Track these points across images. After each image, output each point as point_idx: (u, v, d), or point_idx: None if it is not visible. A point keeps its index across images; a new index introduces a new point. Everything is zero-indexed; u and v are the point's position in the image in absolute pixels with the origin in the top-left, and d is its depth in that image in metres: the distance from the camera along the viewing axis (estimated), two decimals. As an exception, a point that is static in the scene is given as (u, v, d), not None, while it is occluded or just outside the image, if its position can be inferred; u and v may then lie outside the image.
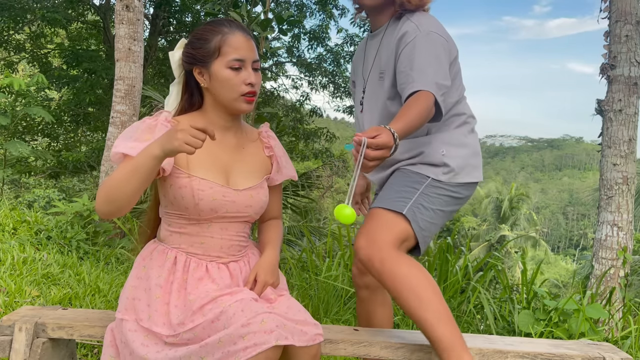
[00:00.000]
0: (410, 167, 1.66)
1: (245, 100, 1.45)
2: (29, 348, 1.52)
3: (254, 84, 1.44)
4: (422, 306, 1.43)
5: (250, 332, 1.21)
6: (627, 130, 3.77)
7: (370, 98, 1.74)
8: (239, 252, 1.52)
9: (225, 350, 1.21)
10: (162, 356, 1.28)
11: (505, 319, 3.08)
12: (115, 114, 5.31)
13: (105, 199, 1.30)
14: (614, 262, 3.66)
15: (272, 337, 1.22)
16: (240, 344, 1.20)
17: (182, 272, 1.42)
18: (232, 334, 1.22)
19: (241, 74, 1.43)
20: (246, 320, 1.24)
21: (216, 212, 1.44)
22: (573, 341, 1.71)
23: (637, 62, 3.79)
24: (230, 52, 1.42)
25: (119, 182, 1.28)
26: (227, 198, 1.44)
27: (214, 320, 1.28)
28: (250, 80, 1.43)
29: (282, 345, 1.24)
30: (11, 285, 2.62)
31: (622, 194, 3.74)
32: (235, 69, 1.42)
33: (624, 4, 3.85)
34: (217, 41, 1.43)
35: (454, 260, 3.52)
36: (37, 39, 12.44)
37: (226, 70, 1.42)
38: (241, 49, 1.43)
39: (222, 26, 1.45)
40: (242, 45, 1.43)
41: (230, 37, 1.43)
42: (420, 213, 1.55)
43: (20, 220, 4.08)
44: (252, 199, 1.48)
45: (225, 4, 4.80)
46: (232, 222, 1.48)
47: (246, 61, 1.44)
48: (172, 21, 13.08)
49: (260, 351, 1.19)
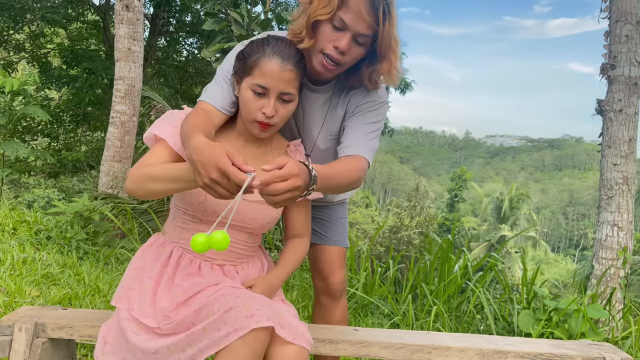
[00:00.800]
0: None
1: (259, 126, 1.41)
2: (28, 348, 1.52)
3: (269, 116, 1.39)
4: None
5: (231, 317, 1.21)
6: (627, 130, 3.77)
7: (320, 159, 1.69)
8: (239, 259, 1.52)
9: (211, 336, 1.21)
10: (152, 344, 1.30)
11: (505, 319, 3.08)
12: (115, 113, 5.32)
13: (139, 183, 1.32)
14: (614, 263, 3.66)
15: (253, 320, 1.20)
16: (223, 330, 1.20)
17: (175, 266, 1.45)
18: (216, 320, 1.22)
19: (261, 101, 1.39)
20: (228, 306, 1.24)
21: (218, 216, 1.43)
22: (573, 341, 1.71)
23: (637, 62, 3.78)
24: (258, 76, 1.38)
25: (157, 178, 1.30)
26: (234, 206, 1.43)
27: (198, 310, 1.29)
28: (266, 111, 1.38)
29: (267, 331, 1.21)
30: (11, 285, 2.62)
31: (623, 194, 3.73)
32: (257, 94, 1.38)
33: (624, 4, 3.84)
34: (253, 60, 1.39)
35: (454, 260, 3.52)
36: (37, 38, 12.44)
37: (249, 91, 1.39)
38: (269, 77, 1.37)
39: (266, 47, 1.40)
40: (272, 74, 1.37)
41: (265, 61, 1.38)
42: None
43: (20, 220, 4.08)
44: (258, 212, 1.47)
45: (225, 3, 4.80)
46: (235, 230, 1.48)
47: (270, 90, 1.37)
48: (171, 21, 13.08)
49: (240, 335, 1.18)
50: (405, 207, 10.77)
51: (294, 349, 1.25)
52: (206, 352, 1.22)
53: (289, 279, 3.60)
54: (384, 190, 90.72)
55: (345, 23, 1.39)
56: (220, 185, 1.12)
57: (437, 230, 22.23)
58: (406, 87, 15.40)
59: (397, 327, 3.02)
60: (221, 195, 1.14)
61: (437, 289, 3.30)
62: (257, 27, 4.63)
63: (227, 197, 1.14)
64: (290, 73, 1.38)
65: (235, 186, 1.11)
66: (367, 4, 1.37)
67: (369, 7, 1.37)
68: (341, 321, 1.91)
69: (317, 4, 1.40)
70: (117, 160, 5.24)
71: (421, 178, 22.85)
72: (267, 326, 1.21)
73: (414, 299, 3.41)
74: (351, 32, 1.40)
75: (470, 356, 1.54)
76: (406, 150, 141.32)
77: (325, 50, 1.42)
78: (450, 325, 3.04)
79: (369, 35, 1.42)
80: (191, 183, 1.24)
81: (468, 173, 39.77)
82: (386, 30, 1.40)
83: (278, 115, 1.40)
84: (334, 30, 1.40)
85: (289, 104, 1.42)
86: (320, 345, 1.54)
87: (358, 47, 1.44)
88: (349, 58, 1.45)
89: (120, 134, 5.28)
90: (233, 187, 1.11)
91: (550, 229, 70.94)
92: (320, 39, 1.42)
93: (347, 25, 1.39)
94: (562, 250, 61.56)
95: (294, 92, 1.41)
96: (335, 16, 1.39)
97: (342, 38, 1.40)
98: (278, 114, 1.40)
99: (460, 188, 37.08)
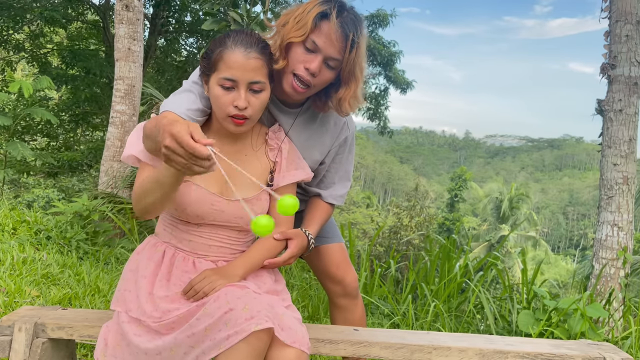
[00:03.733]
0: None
1: (233, 122, 1.38)
2: (28, 348, 1.52)
3: (241, 108, 1.35)
4: None
5: (232, 319, 1.21)
6: (628, 130, 3.77)
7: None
8: (231, 254, 1.51)
9: (212, 337, 1.21)
10: (153, 346, 1.29)
11: (505, 319, 3.08)
12: (115, 113, 5.31)
13: (136, 204, 1.35)
14: (614, 262, 3.66)
15: (253, 323, 1.19)
16: (224, 332, 1.20)
17: (169, 264, 1.45)
18: (216, 321, 1.22)
19: (231, 94, 1.35)
20: (228, 306, 1.23)
21: (203, 219, 1.44)
22: (573, 341, 1.71)
23: (637, 62, 3.78)
24: (224, 69, 1.34)
25: (145, 191, 1.30)
26: (216, 207, 1.43)
27: (200, 305, 1.29)
28: (238, 103, 1.34)
29: (269, 331, 1.22)
30: (11, 285, 2.61)
31: (623, 194, 3.73)
32: (225, 88, 1.35)
33: (624, 4, 3.84)
34: (216, 54, 1.36)
35: (455, 260, 3.52)
36: (37, 38, 12.44)
37: (217, 87, 1.36)
38: (235, 68, 1.33)
39: (227, 39, 1.37)
40: (237, 65, 1.33)
41: (228, 53, 1.34)
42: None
43: (20, 220, 4.08)
44: (243, 210, 1.45)
45: (224, 3, 4.79)
46: (223, 227, 1.48)
47: (239, 82, 1.34)
48: (171, 21, 13.08)
49: (240, 338, 1.18)
50: (405, 208, 10.78)
51: (293, 352, 1.25)
52: (208, 354, 1.22)
53: (288, 279, 3.60)
54: (384, 190, 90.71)
55: (317, 45, 1.44)
56: (175, 153, 1.12)
57: (436, 230, 22.24)
58: (407, 87, 15.41)
59: (397, 327, 3.02)
60: (180, 167, 1.13)
61: (437, 288, 3.30)
62: (256, 27, 4.62)
63: (187, 170, 1.13)
64: (255, 60, 1.35)
65: (191, 156, 1.10)
66: (338, 30, 1.42)
67: (340, 34, 1.43)
68: (362, 318, 1.91)
69: (291, 26, 1.44)
70: (117, 160, 5.24)
71: (421, 178, 22.83)
72: (267, 327, 1.21)
73: (414, 298, 3.41)
74: (322, 55, 1.45)
75: (470, 356, 1.54)
76: (406, 150, 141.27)
77: (297, 71, 1.46)
78: (450, 325, 3.04)
79: (339, 60, 1.47)
80: (169, 179, 1.22)
81: (468, 173, 39.74)
82: (351, 58, 1.46)
83: (251, 107, 1.37)
84: (306, 52, 1.45)
85: (260, 94, 1.38)
86: (320, 345, 1.53)
87: (328, 70, 1.48)
88: (319, 81, 1.49)
89: (120, 134, 5.28)
90: (187, 155, 1.10)
91: (550, 229, 70.95)
92: (292, 60, 1.46)
93: (318, 48, 1.44)
94: (562, 250, 61.57)
95: (263, 80, 1.38)
96: (307, 39, 1.44)
97: (314, 60, 1.44)
98: (251, 106, 1.37)
99: (460, 188, 37.06)
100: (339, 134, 1.72)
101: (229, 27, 4.68)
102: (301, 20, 1.43)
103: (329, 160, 1.74)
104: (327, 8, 1.43)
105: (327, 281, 1.88)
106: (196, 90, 1.47)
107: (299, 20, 1.44)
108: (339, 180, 1.77)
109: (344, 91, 1.53)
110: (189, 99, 1.45)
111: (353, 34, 1.43)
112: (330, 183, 1.77)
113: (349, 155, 1.78)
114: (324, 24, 1.43)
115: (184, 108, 1.42)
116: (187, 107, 1.43)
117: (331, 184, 1.77)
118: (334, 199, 1.75)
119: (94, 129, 12.91)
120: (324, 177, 1.76)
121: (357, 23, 1.46)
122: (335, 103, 1.57)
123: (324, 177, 1.76)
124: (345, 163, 1.78)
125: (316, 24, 1.43)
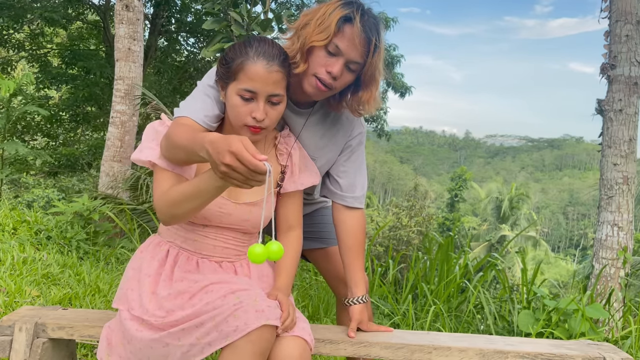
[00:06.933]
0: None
1: (250, 131, 1.38)
2: (29, 348, 1.52)
3: (259, 120, 1.35)
4: None
5: (241, 310, 1.21)
6: (628, 130, 3.77)
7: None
8: (236, 256, 1.52)
9: (220, 330, 1.22)
10: (157, 336, 1.29)
11: (505, 319, 3.08)
12: (115, 113, 5.32)
13: (166, 211, 1.32)
14: (615, 262, 3.66)
15: (263, 316, 1.21)
16: (231, 323, 1.21)
17: (172, 264, 1.45)
18: (224, 312, 1.22)
19: (250, 105, 1.35)
20: (238, 300, 1.24)
21: (209, 221, 1.45)
22: (573, 341, 1.71)
23: (637, 62, 3.78)
24: (244, 80, 1.34)
25: (180, 200, 1.28)
26: (223, 210, 1.43)
27: (205, 304, 1.28)
28: (256, 115, 1.34)
29: (272, 329, 1.24)
30: (11, 285, 2.62)
31: (623, 194, 3.73)
32: (245, 99, 1.35)
33: (624, 4, 3.84)
34: (237, 64, 1.35)
35: (455, 259, 3.52)
36: (37, 38, 12.44)
37: (236, 97, 1.36)
38: (256, 80, 1.33)
39: (249, 49, 1.36)
40: (258, 77, 1.33)
41: (250, 64, 1.34)
42: None
43: (20, 220, 4.08)
44: (250, 214, 1.46)
45: (225, 3, 4.79)
46: (228, 229, 1.48)
47: (259, 94, 1.34)
48: (171, 21, 13.07)
49: (250, 330, 1.19)
50: (404, 207, 10.78)
51: (296, 341, 1.28)
52: (214, 345, 1.22)
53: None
54: (384, 190, 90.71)
55: (340, 49, 1.43)
56: (235, 170, 1.09)
57: (436, 229, 22.22)
58: (406, 91, 15.40)
59: (397, 327, 3.02)
60: (240, 183, 1.11)
61: (437, 288, 3.30)
62: (257, 27, 4.62)
63: (245, 184, 1.11)
64: (277, 74, 1.35)
65: (251, 172, 1.08)
66: (361, 34, 1.42)
67: (363, 38, 1.42)
68: (371, 317, 1.87)
69: (313, 29, 1.43)
70: (117, 160, 5.24)
71: (421, 178, 22.82)
72: (273, 325, 1.23)
73: (414, 298, 3.41)
74: (344, 58, 1.44)
75: (470, 356, 1.54)
76: (406, 150, 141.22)
77: (318, 75, 1.45)
78: (450, 325, 3.04)
79: (360, 63, 1.46)
80: (212, 190, 1.21)
81: (468, 173, 39.76)
82: (374, 61, 1.46)
83: (269, 118, 1.38)
84: (328, 56, 1.44)
85: (278, 106, 1.39)
86: (321, 345, 1.54)
87: (349, 73, 1.48)
88: (340, 83, 1.49)
89: (120, 134, 5.28)
90: (248, 172, 1.08)
91: (550, 229, 70.93)
92: (314, 64, 1.45)
93: (341, 52, 1.43)
94: (562, 250, 61.56)
95: (282, 93, 1.38)
96: (330, 42, 1.42)
97: (336, 63, 1.44)
98: (268, 117, 1.37)
99: (460, 188, 37.08)
100: (352, 129, 1.70)
101: (229, 26, 4.68)
102: (323, 24, 1.42)
103: (343, 159, 1.71)
104: (350, 12, 1.42)
105: (337, 284, 1.85)
106: (212, 95, 1.46)
107: (320, 23, 1.42)
108: (358, 180, 1.73)
109: (364, 94, 1.52)
110: (206, 105, 1.44)
111: (375, 38, 1.43)
112: (350, 185, 1.71)
113: (362, 153, 1.76)
114: (347, 28, 1.42)
115: (202, 114, 1.42)
116: (205, 114, 1.43)
117: (352, 186, 1.71)
118: (359, 202, 1.69)
119: (94, 129, 12.91)
120: (341, 179, 1.71)
121: (377, 26, 1.45)
122: (354, 105, 1.56)
123: (341, 179, 1.71)
124: (362, 160, 1.76)
125: (339, 28, 1.41)
